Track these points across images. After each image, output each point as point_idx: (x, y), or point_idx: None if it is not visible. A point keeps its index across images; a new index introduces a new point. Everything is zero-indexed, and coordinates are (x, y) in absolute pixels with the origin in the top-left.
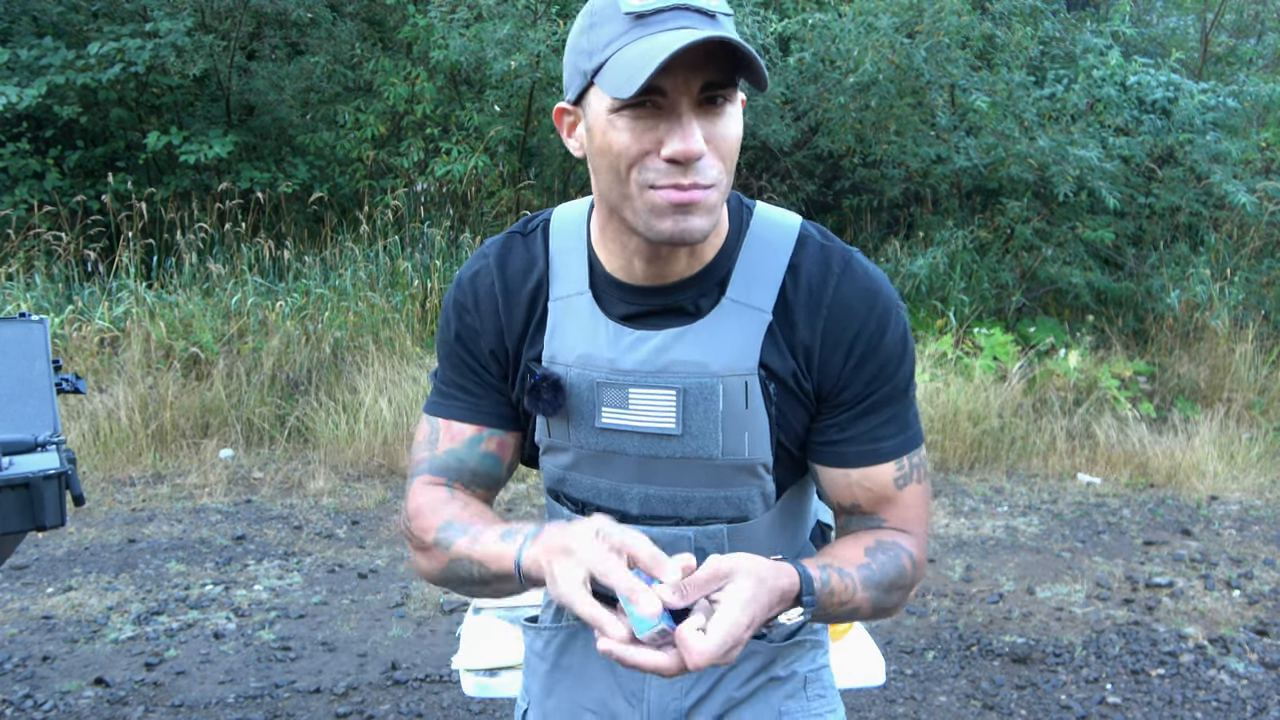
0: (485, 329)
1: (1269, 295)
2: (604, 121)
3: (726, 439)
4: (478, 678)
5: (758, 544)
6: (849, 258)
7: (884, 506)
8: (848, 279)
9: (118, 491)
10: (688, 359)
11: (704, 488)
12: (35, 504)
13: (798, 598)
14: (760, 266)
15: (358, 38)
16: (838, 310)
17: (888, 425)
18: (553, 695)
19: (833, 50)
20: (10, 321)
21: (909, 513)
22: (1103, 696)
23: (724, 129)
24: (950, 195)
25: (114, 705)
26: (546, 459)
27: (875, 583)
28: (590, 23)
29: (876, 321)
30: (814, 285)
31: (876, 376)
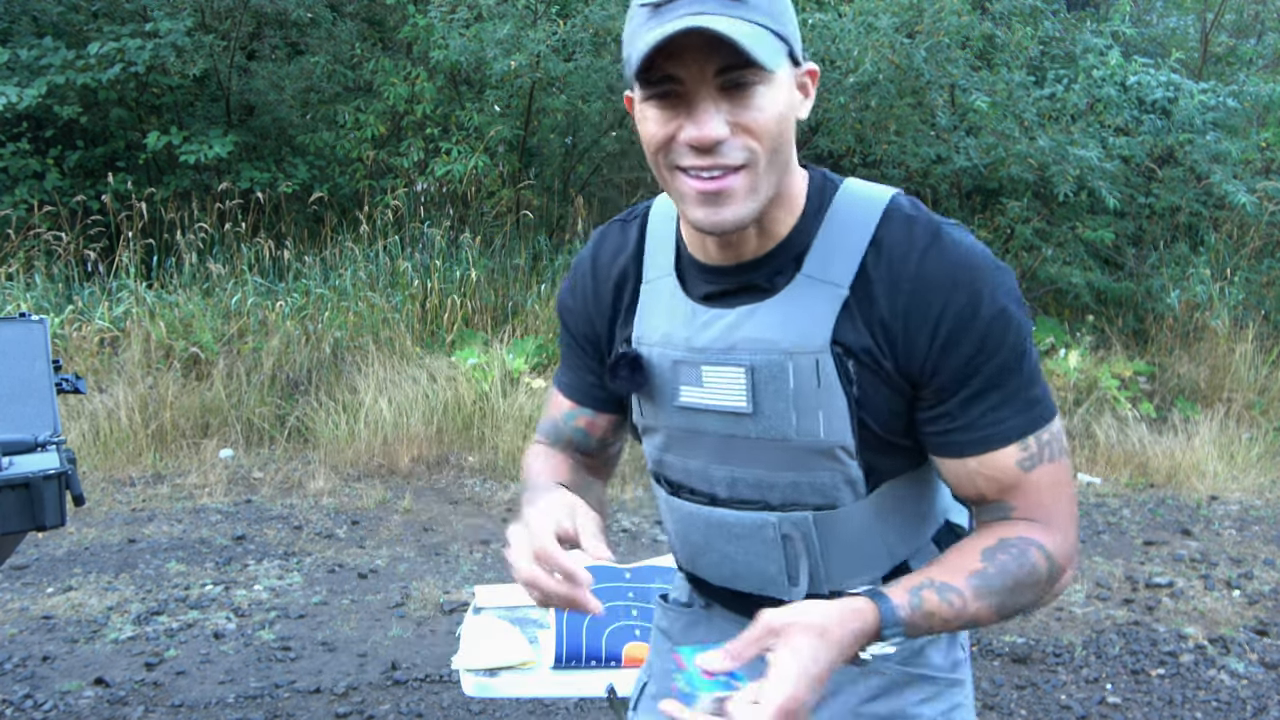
0: (578, 312)
1: (1269, 295)
2: (638, 111)
3: (800, 418)
4: (478, 678)
5: (851, 537)
6: (938, 229)
7: (1012, 494)
8: (934, 253)
9: (118, 491)
10: (758, 336)
11: (784, 470)
12: (35, 504)
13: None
14: (841, 241)
15: (358, 38)
16: (921, 286)
17: (1003, 406)
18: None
19: (833, 50)
20: (10, 321)
21: (1041, 496)
22: (1103, 696)
23: (754, 110)
24: (950, 195)
25: (114, 705)
26: (645, 441)
27: (995, 588)
28: (628, 16)
29: (967, 297)
30: (896, 260)
31: (976, 355)
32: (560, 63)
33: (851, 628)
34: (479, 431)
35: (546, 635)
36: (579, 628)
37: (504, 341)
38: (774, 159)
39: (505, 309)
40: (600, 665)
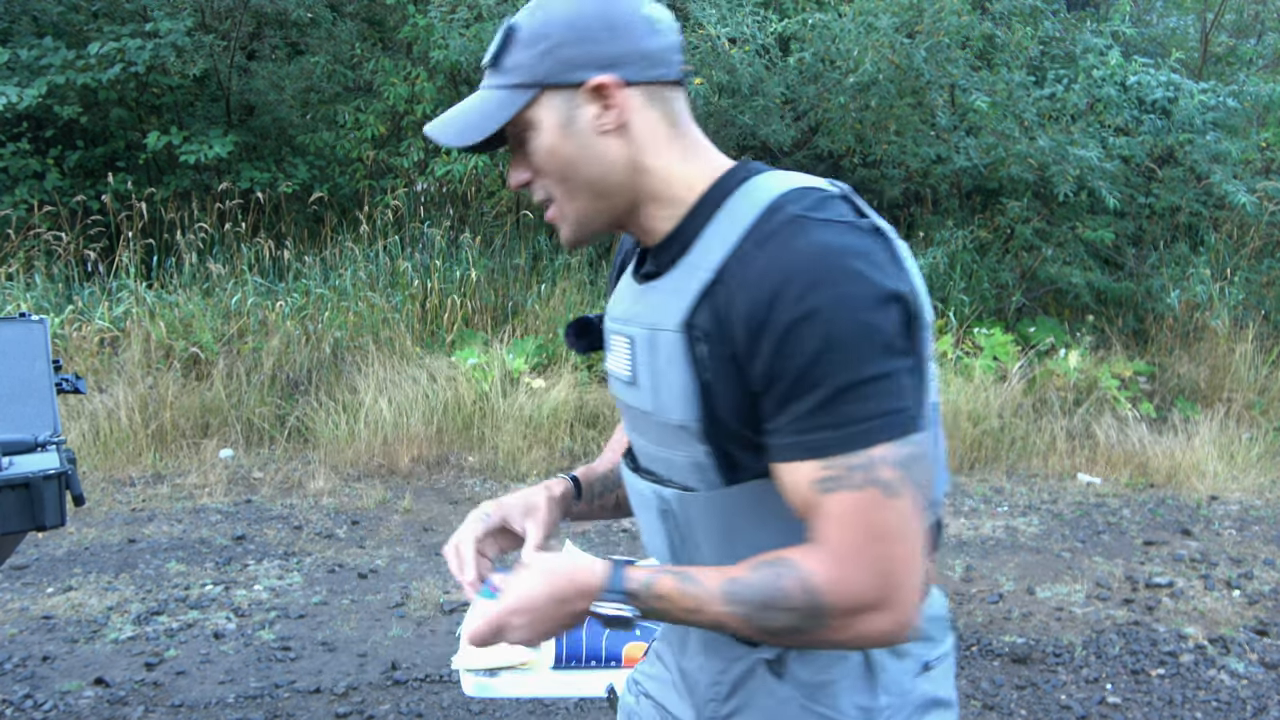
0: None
1: (1269, 295)
2: None
3: (657, 393)
4: (478, 678)
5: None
6: (803, 224)
7: (808, 514)
8: (781, 245)
9: (118, 491)
10: (643, 311)
11: (656, 443)
12: (35, 504)
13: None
14: (724, 231)
15: (358, 38)
16: (757, 277)
17: (812, 417)
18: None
19: (833, 50)
20: (10, 321)
21: (830, 526)
22: (1103, 696)
23: (532, 155)
24: (950, 195)
25: (114, 705)
26: None
27: (744, 599)
28: None
29: (801, 289)
30: (752, 250)
31: (796, 352)
32: None
33: (576, 578)
34: (479, 431)
35: None
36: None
37: (504, 341)
38: (569, 186)
39: (505, 309)
40: (600, 665)
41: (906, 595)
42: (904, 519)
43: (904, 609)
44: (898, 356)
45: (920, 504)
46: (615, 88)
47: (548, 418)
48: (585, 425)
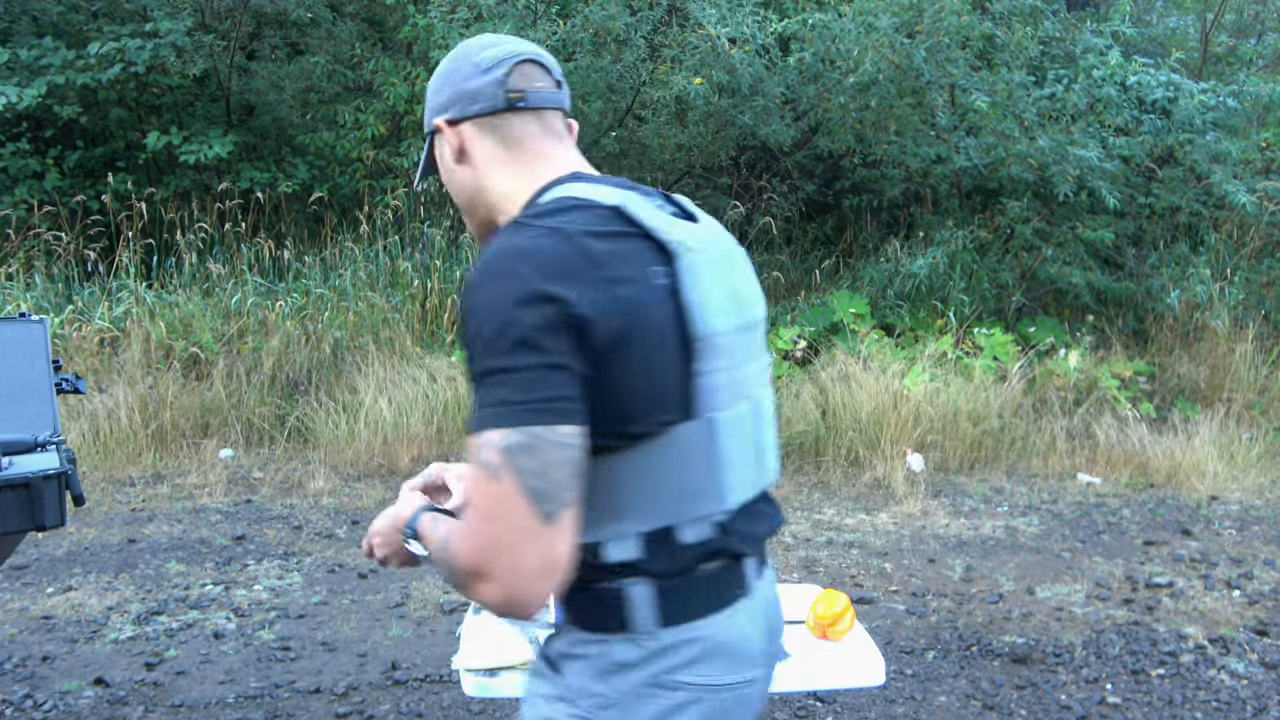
0: None
1: (1269, 295)
2: None
3: None
4: (478, 678)
5: None
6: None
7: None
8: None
9: (118, 491)
10: None
11: None
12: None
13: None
14: None
15: (358, 38)
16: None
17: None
18: None
19: (833, 50)
20: (10, 321)
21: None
22: (1103, 696)
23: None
24: (950, 195)
25: (114, 705)
26: None
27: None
28: None
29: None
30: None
31: (463, 339)
32: (560, 63)
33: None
34: None
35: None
36: None
37: None
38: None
39: None
40: None
41: (506, 574)
42: (501, 502)
43: (505, 585)
44: (532, 353)
45: (525, 492)
46: (447, 127)
47: None
48: None
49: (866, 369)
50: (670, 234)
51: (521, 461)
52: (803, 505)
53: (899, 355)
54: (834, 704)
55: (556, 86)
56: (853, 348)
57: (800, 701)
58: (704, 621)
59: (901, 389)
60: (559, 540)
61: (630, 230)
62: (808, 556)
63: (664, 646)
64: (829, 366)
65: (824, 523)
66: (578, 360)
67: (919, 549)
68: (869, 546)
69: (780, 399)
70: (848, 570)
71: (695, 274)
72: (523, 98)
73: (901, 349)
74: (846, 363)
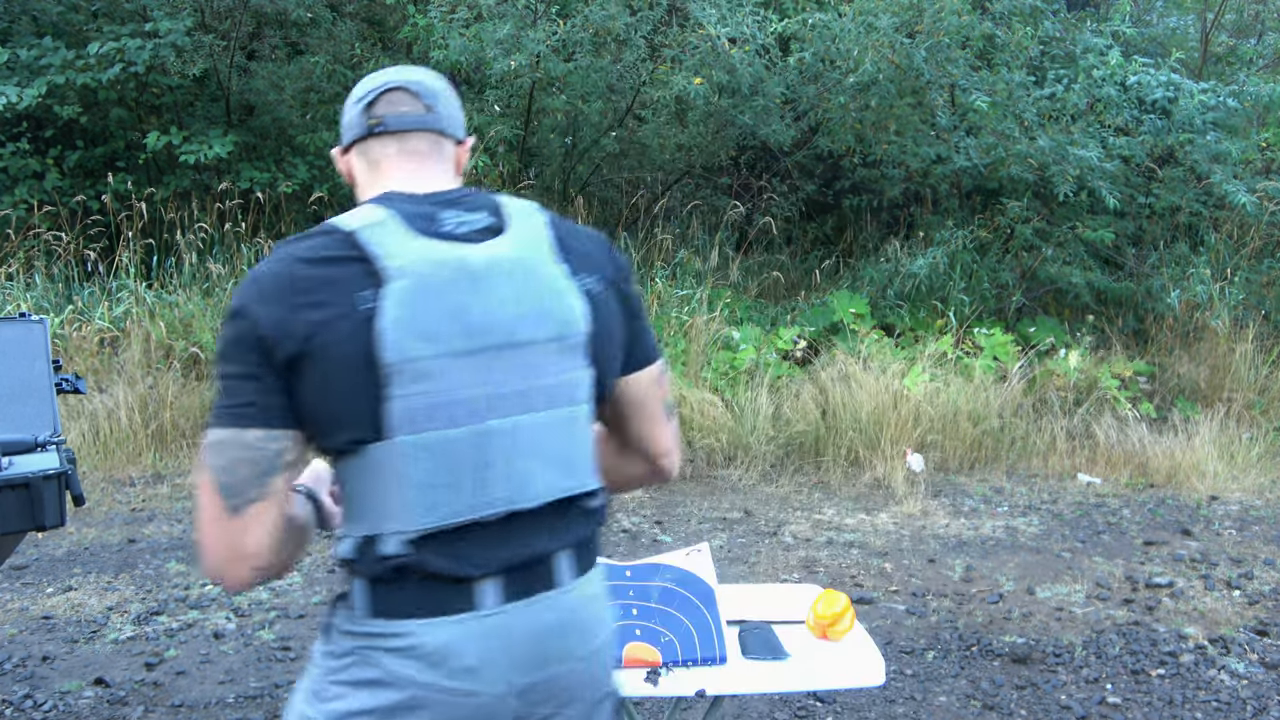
0: None
1: (1269, 295)
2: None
3: None
4: None
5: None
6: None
7: None
8: None
9: (118, 491)
10: None
11: None
12: (35, 504)
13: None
14: None
15: (358, 38)
16: None
17: None
18: None
19: (833, 50)
20: (10, 321)
21: None
22: (1103, 696)
23: None
24: (950, 195)
25: (114, 705)
26: None
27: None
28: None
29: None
30: None
31: None
32: (560, 63)
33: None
34: None
35: None
36: None
37: None
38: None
39: None
40: None
41: (205, 553)
42: (201, 493)
43: (205, 562)
44: (231, 363)
45: (215, 486)
46: (339, 155)
47: None
48: None
49: (866, 369)
50: (392, 261)
51: (213, 459)
52: (803, 505)
53: (899, 355)
54: (834, 704)
55: (426, 110)
56: (853, 348)
57: (800, 701)
58: (410, 623)
59: (901, 389)
60: (243, 533)
61: (352, 255)
62: (808, 556)
63: (372, 632)
64: (829, 366)
65: (824, 523)
66: (269, 373)
67: (919, 549)
68: (869, 546)
69: (780, 399)
70: (848, 570)
71: (401, 300)
72: (380, 123)
73: (901, 349)
74: (846, 363)
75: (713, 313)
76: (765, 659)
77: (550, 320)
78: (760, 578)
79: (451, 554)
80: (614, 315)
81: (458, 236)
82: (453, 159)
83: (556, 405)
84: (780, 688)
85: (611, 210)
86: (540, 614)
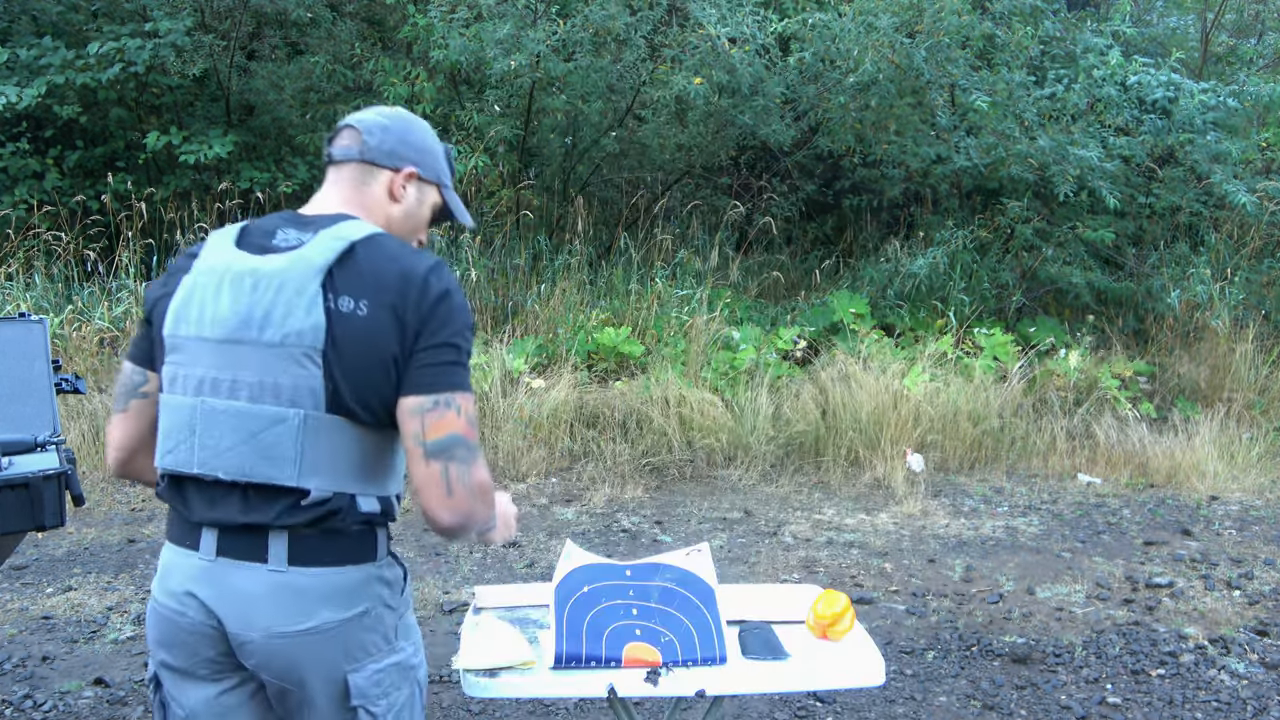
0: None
1: (1269, 295)
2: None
3: None
4: (478, 678)
5: None
6: None
7: None
8: None
9: (118, 491)
10: None
11: None
12: (35, 504)
13: None
14: None
15: (358, 38)
16: None
17: None
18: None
19: (833, 50)
20: (10, 321)
21: None
22: (1103, 696)
23: None
24: (950, 195)
25: (114, 705)
26: None
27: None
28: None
29: None
30: None
31: None
32: (560, 63)
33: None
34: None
35: (546, 635)
36: (579, 627)
37: (504, 341)
38: None
39: (505, 309)
40: (600, 665)
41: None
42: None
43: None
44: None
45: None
46: None
47: (548, 418)
48: (585, 425)
49: (866, 369)
50: (201, 262)
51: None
52: (803, 505)
53: (899, 355)
54: (834, 704)
55: (361, 145)
56: (853, 348)
57: (800, 701)
58: (166, 544)
59: (901, 389)
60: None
61: (193, 255)
62: (808, 556)
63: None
64: (829, 366)
65: (824, 523)
66: (143, 328)
67: (919, 549)
68: (869, 546)
69: (780, 399)
70: (848, 570)
71: (183, 290)
72: (328, 156)
73: (901, 349)
74: (846, 363)
75: (713, 313)
76: (765, 659)
77: (273, 327)
78: (760, 578)
79: (181, 498)
80: (374, 336)
81: (269, 249)
82: (383, 184)
83: (261, 400)
84: (780, 688)
85: (611, 210)
86: (246, 579)
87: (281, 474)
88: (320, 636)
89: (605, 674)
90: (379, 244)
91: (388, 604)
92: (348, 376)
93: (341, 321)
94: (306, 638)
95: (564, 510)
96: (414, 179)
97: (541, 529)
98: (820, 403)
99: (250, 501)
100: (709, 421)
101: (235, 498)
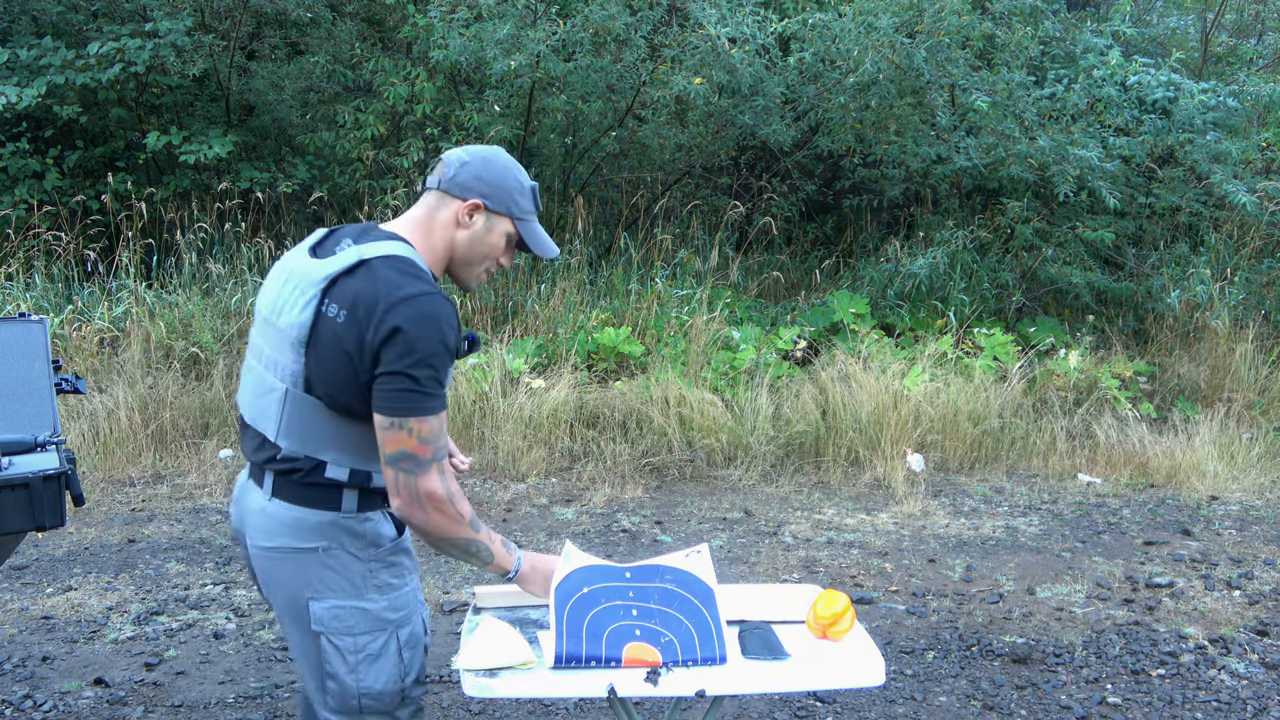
0: None
1: (1269, 295)
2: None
3: None
4: (478, 678)
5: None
6: None
7: None
8: None
9: (118, 491)
10: None
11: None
12: (35, 504)
13: None
14: None
15: (358, 38)
16: None
17: None
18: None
19: (833, 50)
20: (10, 321)
21: None
22: (1103, 697)
23: None
24: (950, 195)
25: (114, 705)
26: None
27: None
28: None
29: None
30: None
31: None
32: (560, 63)
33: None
34: (479, 431)
35: (546, 635)
36: (579, 628)
37: (504, 341)
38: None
39: (505, 309)
40: (600, 665)
41: None
42: None
43: None
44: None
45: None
46: None
47: (547, 418)
48: (585, 425)
49: (866, 369)
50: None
51: None
52: (803, 505)
53: (899, 355)
54: (834, 704)
55: (441, 177)
56: (853, 348)
57: (800, 701)
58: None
59: (901, 389)
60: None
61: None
62: (808, 556)
63: None
64: (829, 366)
65: (824, 523)
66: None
67: (919, 549)
68: (869, 546)
69: (780, 399)
70: (848, 570)
71: (266, 281)
72: (423, 182)
73: (901, 349)
74: (846, 363)
75: (713, 313)
76: (765, 659)
77: (284, 316)
78: (760, 578)
79: (245, 434)
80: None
81: (323, 253)
82: (452, 211)
83: (272, 372)
84: (780, 688)
85: (611, 210)
86: (252, 499)
87: (269, 430)
88: (280, 556)
89: (605, 674)
90: (380, 266)
91: (351, 552)
92: (318, 368)
93: (324, 323)
94: (272, 554)
95: (564, 510)
96: (480, 210)
97: (541, 529)
98: (820, 403)
99: (259, 444)
100: (709, 421)
101: (253, 438)
